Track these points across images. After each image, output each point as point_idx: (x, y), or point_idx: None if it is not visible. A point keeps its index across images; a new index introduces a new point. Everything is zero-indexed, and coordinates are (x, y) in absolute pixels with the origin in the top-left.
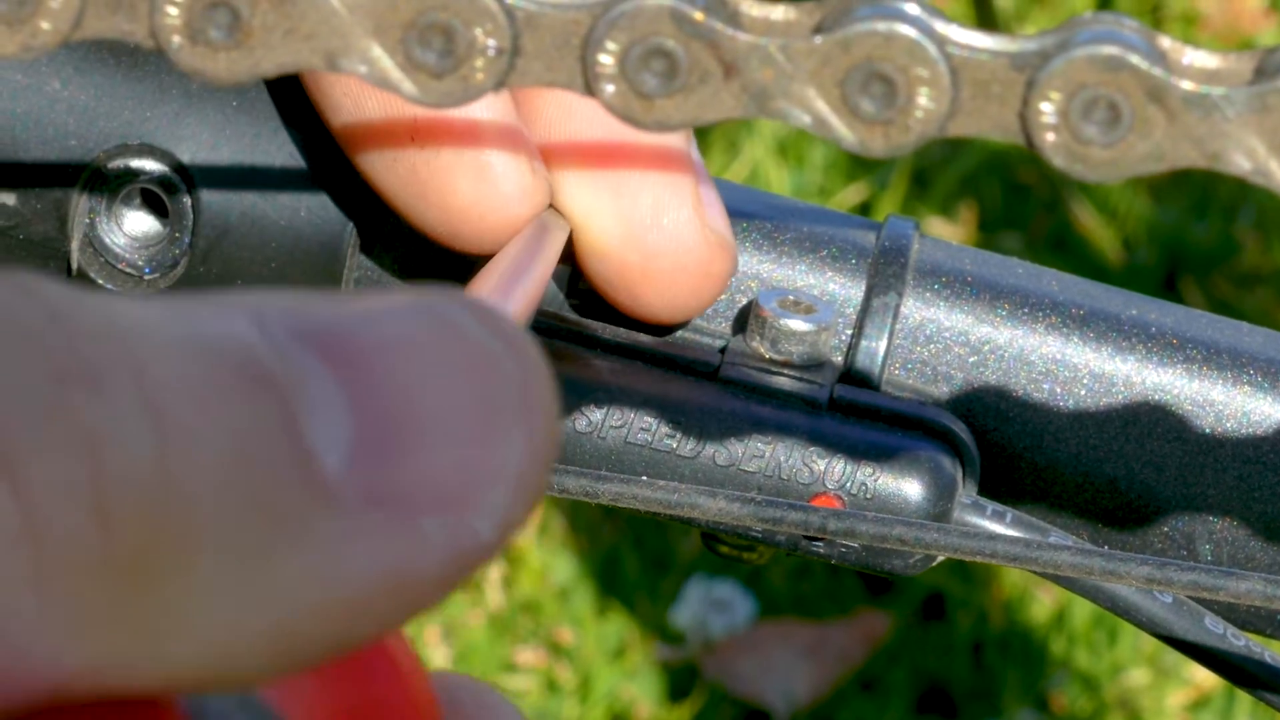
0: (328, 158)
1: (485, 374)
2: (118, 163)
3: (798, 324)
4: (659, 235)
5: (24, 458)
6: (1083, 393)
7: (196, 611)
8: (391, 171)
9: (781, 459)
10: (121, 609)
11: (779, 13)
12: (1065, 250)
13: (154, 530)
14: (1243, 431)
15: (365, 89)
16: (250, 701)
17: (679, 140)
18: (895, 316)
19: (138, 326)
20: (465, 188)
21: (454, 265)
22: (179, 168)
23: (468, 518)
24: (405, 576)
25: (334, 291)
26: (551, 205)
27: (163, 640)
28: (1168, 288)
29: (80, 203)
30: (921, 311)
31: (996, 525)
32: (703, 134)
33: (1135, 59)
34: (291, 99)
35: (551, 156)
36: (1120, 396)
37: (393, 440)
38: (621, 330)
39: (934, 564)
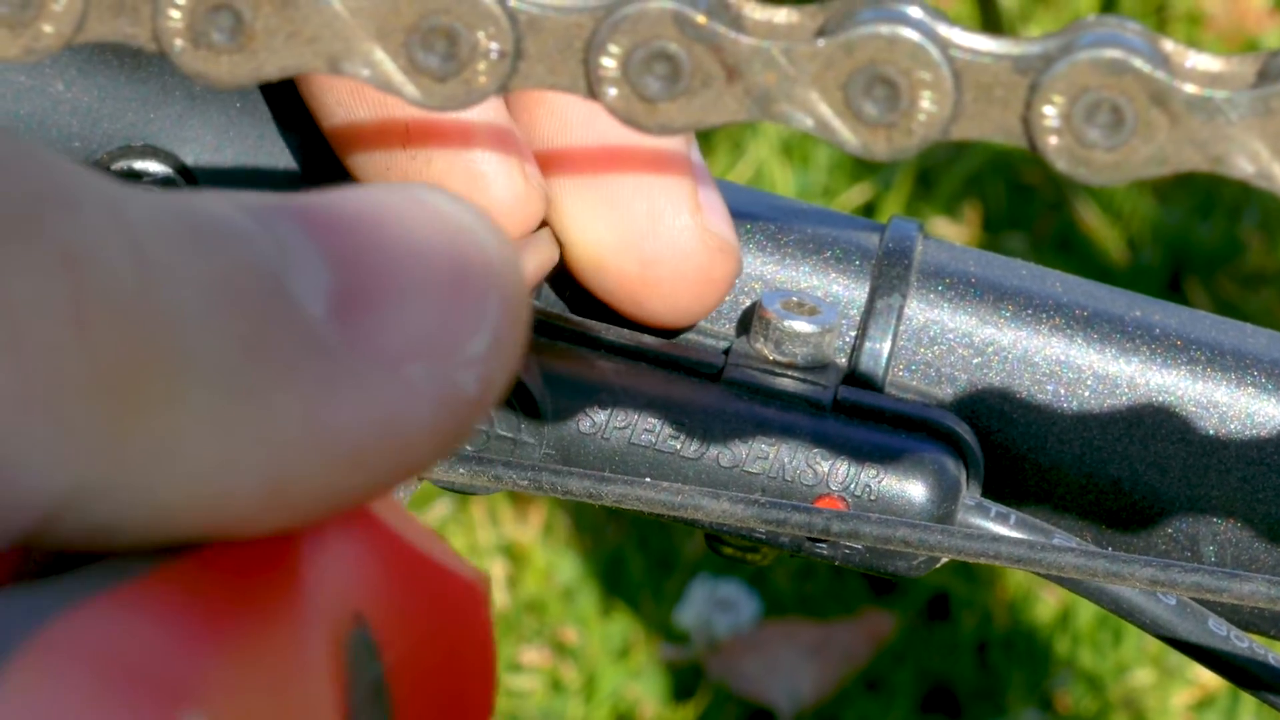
0: (330, 159)
1: (458, 238)
2: (121, 164)
3: (801, 325)
4: (656, 243)
5: (2, 273)
6: (1087, 394)
7: (186, 443)
8: (384, 178)
9: (785, 460)
10: (107, 432)
11: (782, 16)
12: (1070, 251)
13: (137, 351)
14: (1247, 433)
15: (358, 93)
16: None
17: (678, 143)
18: (899, 318)
19: (114, 184)
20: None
21: None
22: (182, 169)
23: (451, 367)
24: (395, 424)
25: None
26: (545, 224)
27: (152, 471)
28: (1172, 288)
29: None
30: (925, 313)
31: (1000, 527)
32: (707, 135)
33: (1138, 62)
34: (293, 101)
35: (548, 165)
36: (1124, 398)
37: (373, 294)
38: (625, 331)
39: (938, 565)
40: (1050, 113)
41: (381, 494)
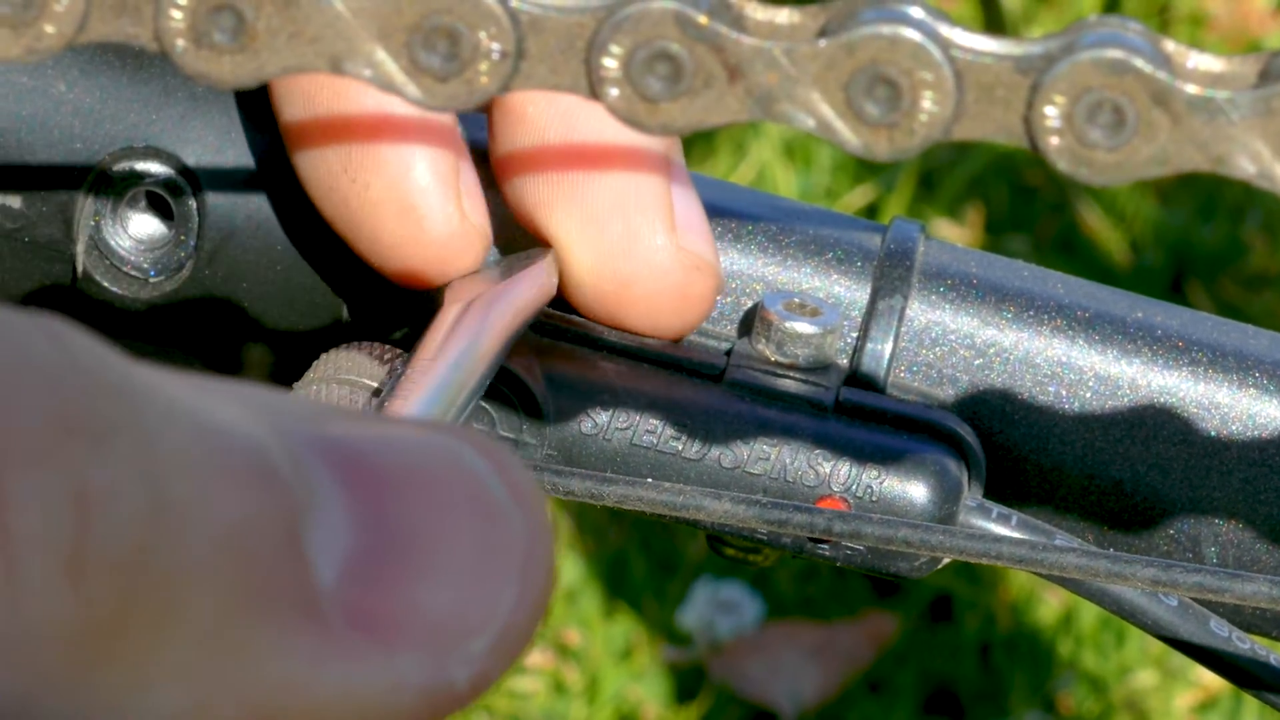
0: None
1: (491, 523)
2: (123, 165)
3: (803, 327)
4: (632, 263)
5: (13, 502)
6: (1088, 395)
7: (154, 694)
8: (327, 200)
9: (787, 461)
10: (76, 674)
11: (783, 16)
12: (1072, 252)
13: (129, 604)
14: (1248, 434)
15: (312, 94)
16: None
17: (657, 147)
18: (900, 319)
19: (156, 396)
20: (392, 227)
21: None
22: (184, 170)
23: (447, 662)
24: (373, 707)
25: (356, 410)
26: (549, 246)
27: (123, 713)
28: (1174, 290)
29: (85, 205)
30: (927, 314)
31: (1002, 528)
32: (709, 136)
33: (1140, 62)
34: None
35: (526, 171)
36: (1126, 399)
37: (389, 566)
38: (627, 333)
39: (940, 566)
40: (1052, 113)
41: None
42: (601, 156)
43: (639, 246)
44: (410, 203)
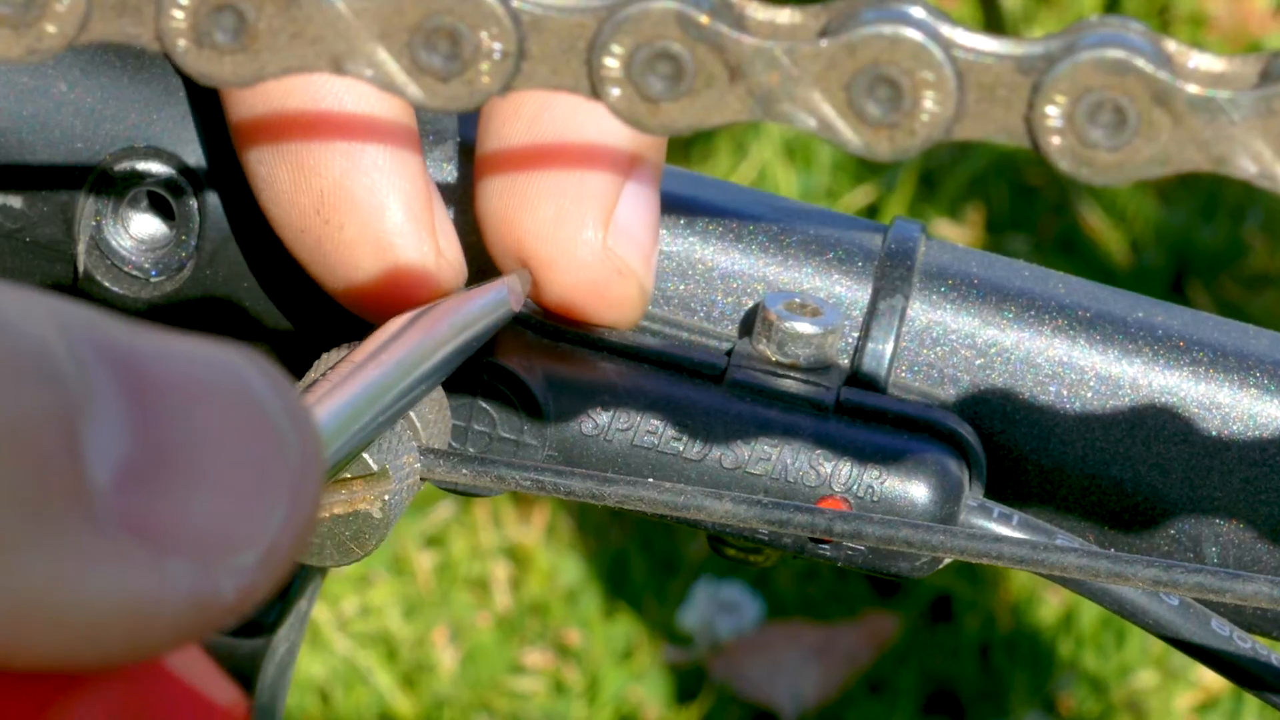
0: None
1: (264, 442)
2: (124, 165)
3: (804, 327)
4: (551, 249)
5: None
6: (1089, 395)
7: None
8: (299, 242)
9: (788, 461)
10: None
11: (784, 16)
12: (1073, 252)
13: None
14: (1249, 434)
15: (262, 95)
16: None
17: (626, 147)
18: (901, 319)
19: None
20: (368, 267)
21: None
22: (185, 170)
23: (214, 571)
24: (140, 611)
25: (142, 322)
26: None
27: None
28: (1175, 290)
29: (86, 205)
30: (928, 314)
31: (1003, 528)
32: (710, 135)
33: (1141, 62)
34: None
35: (487, 163)
36: (1127, 399)
37: (164, 474)
38: (628, 333)
39: (941, 566)
40: (1053, 113)
41: (116, 667)
42: (562, 149)
43: (562, 233)
44: (387, 242)
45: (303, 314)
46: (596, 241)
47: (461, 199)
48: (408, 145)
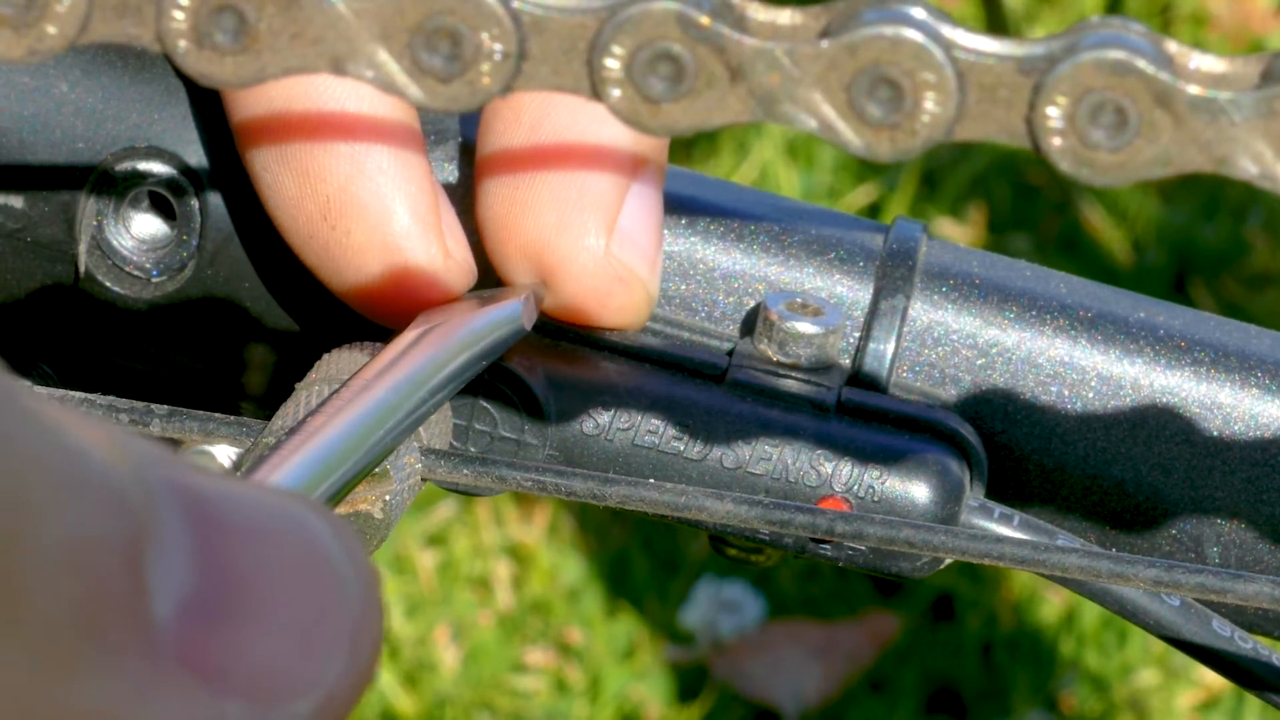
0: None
1: (327, 589)
2: (125, 165)
3: (805, 327)
4: (554, 257)
5: None
6: (1090, 395)
7: None
8: (308, 248)
9: (789, 462)
10: None
11: (785, 17)
12: (1074, 252)
13: None
14: (1251, 434)
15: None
16: None
17: (630, 149)
18: (903, 319)
19: (22, 405)
20: (377, 271)
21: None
22: (186, 170)
23: (268, 716)
24: None
25: (216, 468)
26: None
27: None
28: (1177, 290)
29: (88, 205)
30: (929, 314)
31: (1004, 528)
32: (711, 136)
33: (1142, 63)
34: None
35: (490, 169)
36: (1128, 399)
37: (226, 612)
38: (629, 333)
39: (942, 566)
40: (1054, 114)
41: None
42: (564, 153)
43: (565, 240)
44: (395, 245)
45: (304, 314)
46: (599, 249)
47: (463, 199)
48: (412, 146)
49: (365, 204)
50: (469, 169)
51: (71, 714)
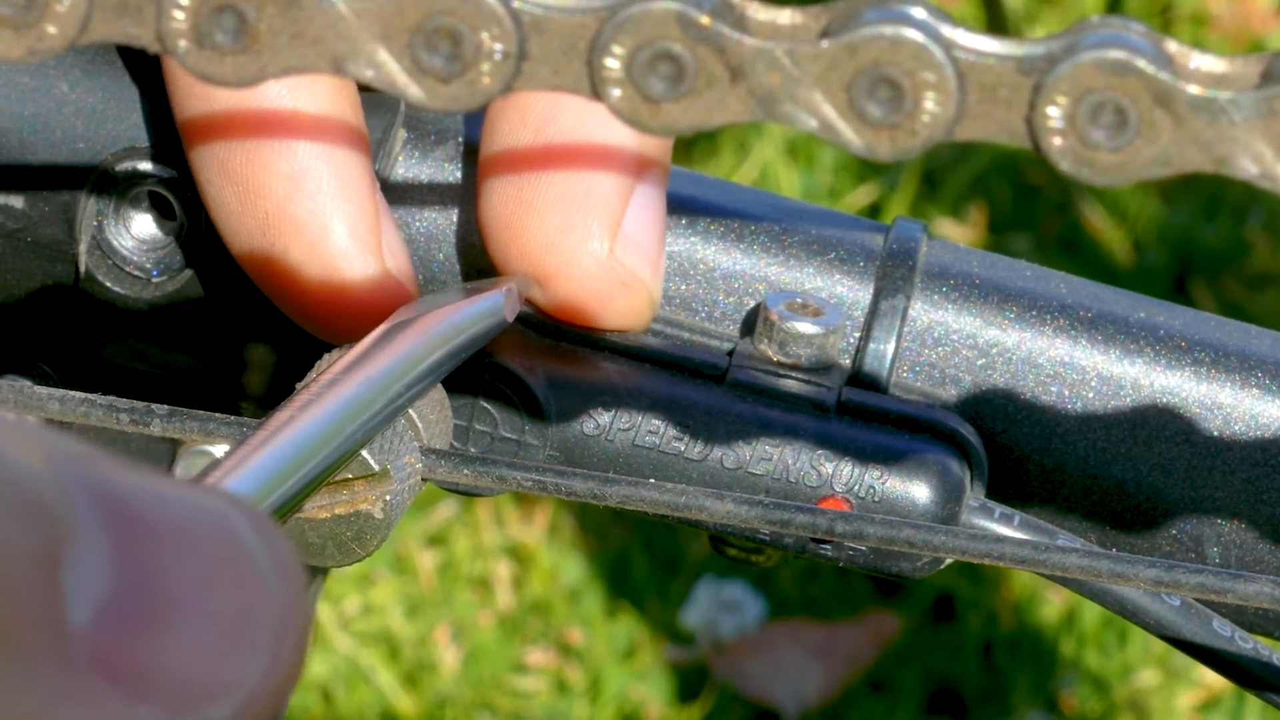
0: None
1: (248, 592)
2: (125, 165)
3: (805, 327)
4: (557, 261)
5: None
6: (1091, 395)
7: None
8: (249, 261)
9: (789, 462)
10: None
11: (785, 17)
12: (1075, 252)
13: None
14: (1251, 434)
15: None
16: None
17: (634, 149)
18: (903, 319)
19: None
20: (315, 288)
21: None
22: (186, 170)
23: None
24: None
25: (135, 463)
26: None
27: None
28: (1177, 290)
29: (88, 205)
30: (929, 314)
31: (1004, 528)
32: (712, 135)
33: (1142, 63)
34: None
35: (492, 169)
36: (1128, 399)
37: (143, 618)
38: (629, 333)
39: (942, 566)
40: (1054, 114)
41: None
42: (569, 155)
43: (569, 244)
44: (331, 264)
45: None
46: (603, 252)
47: (465, 199)
48: (354, 154)
49: (303, 222)
50: (471, 169)
51: None
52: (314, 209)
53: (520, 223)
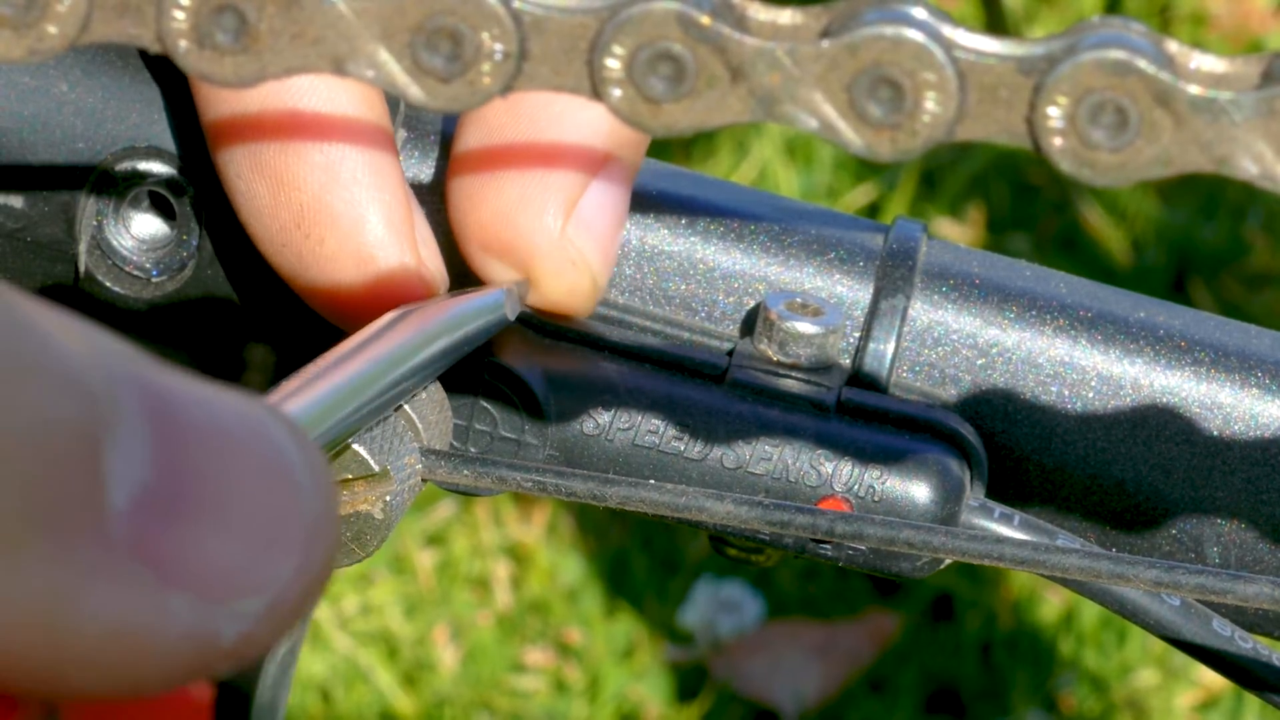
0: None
1: (283, 493)
2: (125, 165)
3: (805, 327)
4: (511, 232)
5: None
6: (1090, 395)
7: None
8: (280, 256)
9: (789, 462)
10: None
11: (786, 17)
12: (1074, 251)
13: None
14: (1251, 434)
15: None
16: None
17: (600, 146)
18: (903, 319)
19: None
20: (350, 279)
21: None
22: (186, 170)
23: (216, 612)
24: (134, 640)
25: (179, 368)
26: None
27: None
28: (1176, 289)
29: (88, 205)
30: (929, 314)
31: (1004, 528)
32: (711, 134)
33: (1142, 63)
34: None
35: (461, 151)
36: (1128, 399)
37: (180, 508)
38: (630, 333)
39: (942, 566)
40: (1054, 114)
41: (101, 696)
42: (536, 144)
43: (524, 217)
44: (368, 254)
45: (304, 314)
46: (555, 229)
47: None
48: (384, 149)
49: (339, 212)
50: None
51: (16, 594)
52: (350, 199)
53: (480, 194)
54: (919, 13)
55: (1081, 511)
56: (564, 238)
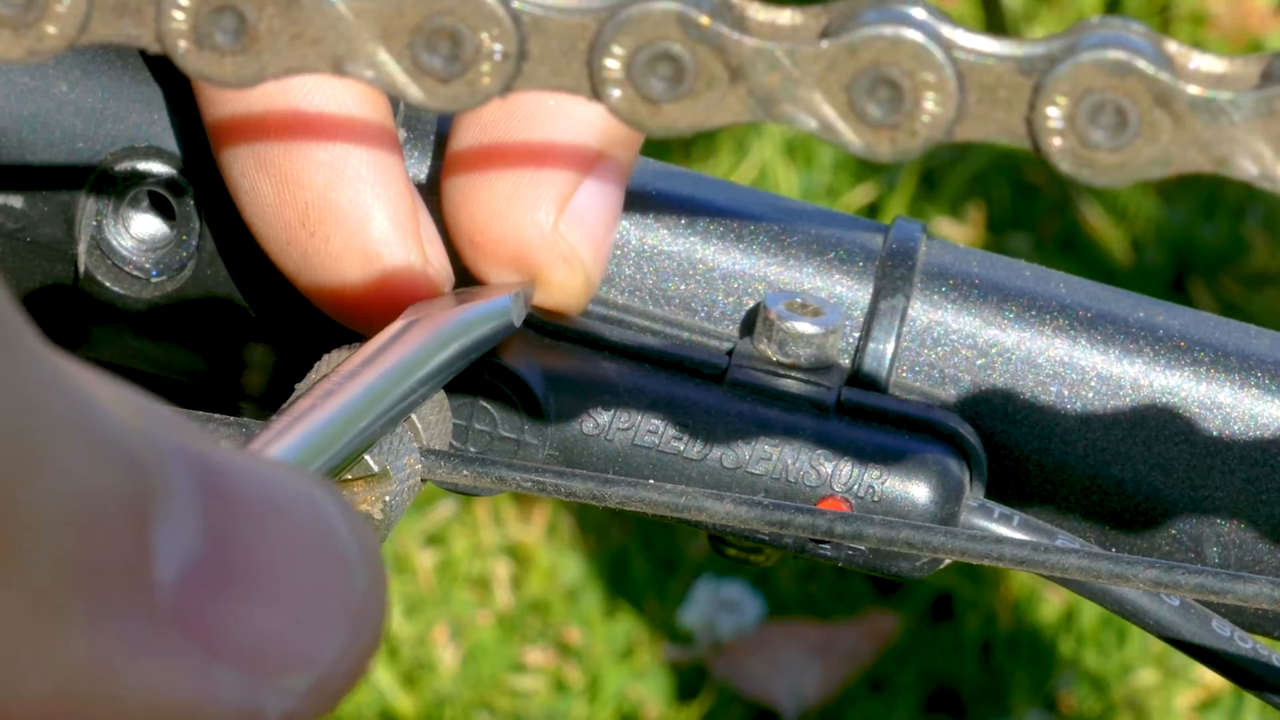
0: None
1: (332, 569)
2: (125, 165)
3: (805, 327)
4: (503, 226)
5: None
6: (1090, 395)
7: None
8: (285, 255)
9: (789, 462)
10: None
11: (785, 17)
12: (1074, 251)
13: None
14: (1250, 434)
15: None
16: None
17: (593, 144)
18: (903, 319)
19: (41, 360)
20: (356, 277)
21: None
22: (186, 170)
23: (262, 688)
24: (178, 714)
25: (231, 441)
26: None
27: None
28: (1176, 289)
29: (87, 205)
30: (929, 314)
31: (1003, 528)
32: (711, 134)
33: (1142, 63)
34: None
35: (456, 149)
36: (1128, 399)
37: (229, 581)
38: (629, 333)
39: (941, 566)
40: (1054, 114)
41: None
42: (530, 141)
43: (515, 210)
44: (374, 251)
45: (304, 315)
46: (547, 224)
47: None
48: (388, 148)
49: (344, 210)
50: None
51: (63, 666)
52: (355, 196)
53: (473, 190)
54: (918, 13)
55: (1081, 511)
56: (555, 234)
